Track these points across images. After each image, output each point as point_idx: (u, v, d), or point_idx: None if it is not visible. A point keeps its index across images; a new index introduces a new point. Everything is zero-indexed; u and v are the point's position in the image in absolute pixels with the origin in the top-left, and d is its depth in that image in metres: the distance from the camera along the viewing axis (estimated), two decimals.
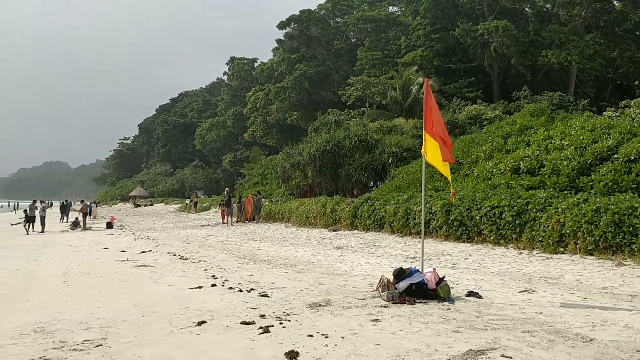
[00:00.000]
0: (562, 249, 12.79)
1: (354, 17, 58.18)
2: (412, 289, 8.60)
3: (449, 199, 16.68)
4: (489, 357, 5.68)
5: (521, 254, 13.27)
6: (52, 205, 66.91)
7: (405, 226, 18.45)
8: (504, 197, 15.16)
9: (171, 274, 12.71)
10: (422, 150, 9.41)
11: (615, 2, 46.18)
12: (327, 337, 6.54)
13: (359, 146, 31.20)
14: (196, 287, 10.53)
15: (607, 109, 30.26)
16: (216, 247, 19.15)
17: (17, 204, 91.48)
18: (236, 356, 6.03)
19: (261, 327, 7.06)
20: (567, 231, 12.68)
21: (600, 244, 11.94)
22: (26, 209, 35.39)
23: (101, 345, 6.59)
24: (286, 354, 5.93)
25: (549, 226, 13.19)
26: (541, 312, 7.66)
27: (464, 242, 15.61)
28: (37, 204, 33.08)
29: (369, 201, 21.53)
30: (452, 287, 9.02)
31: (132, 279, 12.17)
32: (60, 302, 9.53)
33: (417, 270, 8.98)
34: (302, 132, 50.89)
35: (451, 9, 49.93)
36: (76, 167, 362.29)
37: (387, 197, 20.93)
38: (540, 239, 13.35)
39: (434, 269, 9.15)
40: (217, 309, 8.40)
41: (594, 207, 12.35)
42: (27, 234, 28.53)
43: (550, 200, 14.03)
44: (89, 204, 43.52)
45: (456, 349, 5.96)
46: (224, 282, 11.01)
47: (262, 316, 7.75)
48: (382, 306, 8.24)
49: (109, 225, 33.63)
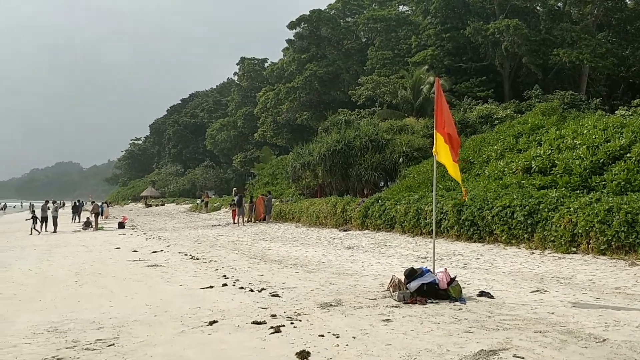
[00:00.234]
0: (574, 249, 12.71)
1: (364, 17, 58.10)
2: (424, 289, 8.58)
3: (461, 198, 16.65)
4: (501, 358, 5.66)
5: (533, 253, 13.20)
6: (64, 205, 67.34)
7: (416, 226, 18.41)
8: (515, 196, 15.09)
9: (182, 273, 12.76)
10: (434, 149, 9.39)
11: (627, 0, 45.82)
12: (338, 337, 6.54)
13: (369, 146, 31.13)
14: (207, 287, 10.56)
15: (620, 107, 30.08)
16: (227, 247, 19.20)
17: (31, 204, 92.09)
18: (248, 356, 6.05)
19: (272, 327, 7.08)
20: (580, 231, 12.60)
21: (612, 243, 11.85)
22: (33, 209, 35.76)
23: (113, 344, 6.63)
24: (297, 353, 5.94)
25: (561, 226, 13.11)
26: (553, 312, 7.62)
27: (475, 242, 15.55)
28: (49, 204, 33.28)
29: (380, 201, 21.50)
30: (463, 287, 8.99)
31: (143, 278, 12.23)
32: (72, 302, 9.60)
33: (429, 270, 8.95)
34: (313, 132, 50.86)
35: (462, 8, 49.71)
36: (88, 168, 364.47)
37: (397, 197, 20.89)
38: (552, 238, 13.28)
39: (446, 269, 9.13)
40: (228, 309, 8.42)
41: (607, 207, 12.27)
42: (35, 233, 28.61)
43: (562, 199, 13.95)
44: (99, 204, 43.82)
45: (468, 349, 5.94)
46: (235, 282, 11.04)
47: (273, 316, 7.77)
48: (393, 306, 8.23)
49: (121, 225, 33.80)
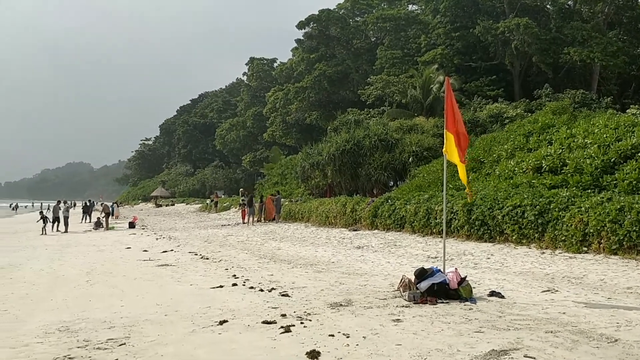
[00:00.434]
0: (585, 249, 12.63)
1: (374, 16, 58.04)
2: (434, 289, 8.56)
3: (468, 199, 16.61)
4: (512, 358, 5.64)
5: (544, 253, 13.14)
6: (75, 205, 67.72)
7: (426, 226, 18.37)
8: (526, 196, 15.02)
9: (193, 273, 12.80)
10: (444, 149, 9.36)
11: None
12: (348, 337, 6.54)
13: (378, 145, 31.11)
14: (217, 287, 10.59)
15: (631, 106, 29.87)
16: (237, 246, 19.24)
17: (44, 205, 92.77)
18: (258, 355, 6.06)
19: (282, 327, 7.08)
20: (591, 230, 12.52)
21: (624, 243, 11.76)
22: (41, 210, 36.14)
23: (125, 344, 6.66)
24: (308, 353, 5.94)
25: (572, 225, 13.04)
26: (564, 312, 7.58)
27: (485, 241, 15.49)
28: (60, 205, 33.50)
29: (390, 201, 21.47)
30: (474, 287, 8.97)
31: (154, 278, 12.28)
32: (84, 302, 9.65)
33: (439, 270, 8.93)
34: (322, 132, 50.86)
35: (471, 6, 49.56)
36: (99, 168, 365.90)
37: (407, 197, 20.85)
38: (563, 238, 13.20)
39: (456, 268, 9.11)
40: (238, 309, 8.44)
41: (618, 206, 12.18)
42: (45, 233, 28.77)
43: (573, 199, 13.87)
44: (110, 204, 44.14)
45: (478, 349, 5.92)
46: (244, 282, 11.06)
47: (283, 316, 7.77)
48: (403, 306, 8.22)
49: (131, 225, 33.97)
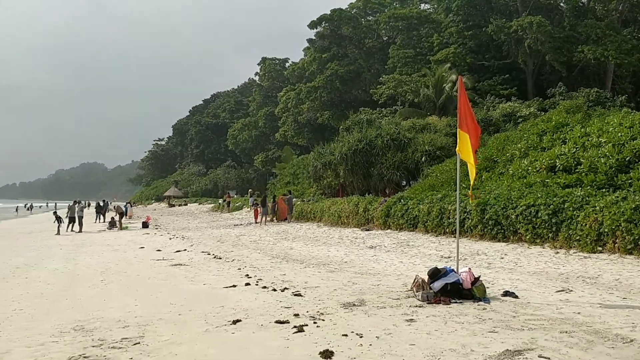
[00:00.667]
0: (600, 248, 12.54)
1: (386, 15, 57.96)
2: (447, 289, 8.54)
3: (484, 197, 16.53)
4: (526, 358, 5.61)
5: (558, 253, 13.06)
6: (89, 205, 68.27)
7: (439, 225, 18.31)
8: (539, 195, 14.94)
9: (206, 272, 12.85)
10: (457, 148, 9.33)
11: None
12: (361, 337, 6.53)
13: (391, 145, 31.06)
14: (230, 286, 10.62)
15: None
16: (249, 246, 19.29)
17: (59, 205, 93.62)
18: (271, 355, 6.07)
19: (295, 327, 7.09)
20: (606, 230, 12.42)
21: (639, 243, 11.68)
22: (55, 210, 36.49)
23: (139, 343, 6.70)
24: (321, 353, 5.94)
25: (586, 225, 12.95)
26: (579, 312, 7.53)
27: (499, 241, 15.42)
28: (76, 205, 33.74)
29: (402, 200, 21.43)
30: (487, 287, 8.92)
31: (168, 277, 12.34)
32: (98, 301, 9.72)
33: (452, 270, 8.90)
34: (334, 132, 50.87)
35: (484, 5, 49.35)
36: (112, 168, 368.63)
37: (420, 196, 20.80)
38: (577, 238, 13.11)
39: (469, 268, 9.07)
40: (251, 308, 8.46)
41: (633, 206, 12.09)
42: (59, 233, 28.98)
43: (587, 198, 13.77)
44: (123, 204, 44.47)
45: (492, 349, 5.90)
46: (257, 281, 11.09)
47: (296, 315, 7.78)
48: (416, 306, 8.20)
49: (145, 224, 34.14)
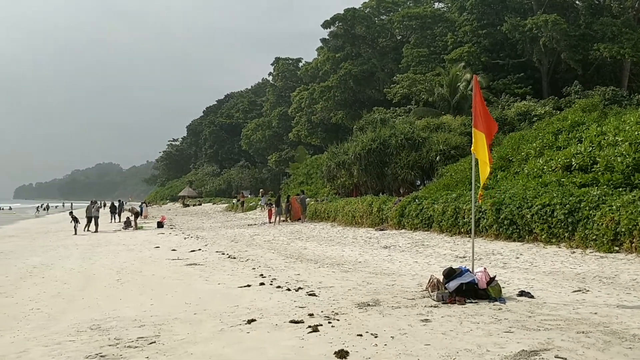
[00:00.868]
0: (616, 248, 12.41)
1: (399, 15, 57.84)
2: (463, 289, 8.50)
3: (499, 197, 16.44)
4: (543, 358, 5.57)
5: (574, 253, 12.95)
6: (104, 205, 68.81)
7: (454, 225, 18.22)
8: (555, 194, 14.81)
9: (220, 272, 12.90)
10: (472, 148, 9.28)
11: None
12: (376, 337, 6.51)
13: (405, 144, 30.93)
14: (245, 286, 10.65)
15: None
16: (263, 246, 19.33)
17: (72, 205, 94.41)
18: (286, 354, 6.07)
19: (310, 326, 7.09)
20: (622, 229, 12.29)
21: None
22: (71, 211, 36.93)
23: (155, 342, 6.74)
24: (336, 353, 5.93)
25: (602, 224, 12.82)
26: (596, 313, 7.47)
27: (514, 241, 15.31)
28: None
29: (417, 200, 21.35)
30: (503, 287, 8.87)
31: (183, 277, 12.40)
32: (114, 300, 9.80)
33: (468, 269, 8.86)
34: (347, 131, 50.85)
35: (498, 3, 49.10)
36: (127, 169, 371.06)
37: (435, 196, 20.72)
38: (593, 237, 12.99)
39: (485, 268, 9.02)
40: (266, 308, 8.47)
41: None
42: (75, 233, 29.20)
43: (604, 197, 13.64)
44: (138, 204, 44.85)
45: (508, 350, 5.86)
46: (272, 281, 11.10)
47: (311, 315, 7.78)
48: (431, 306, 8.17)
49: (160, 224, 34.35)
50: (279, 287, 10.40)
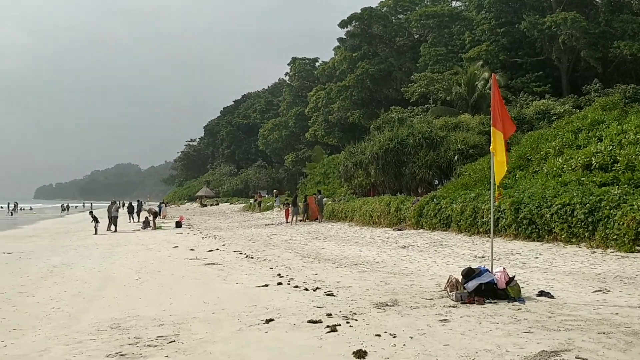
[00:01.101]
0: (638, 248, 12.26)
1: (417, 13, 57.70)
2: (482, 289, 8.44)
3: (518, 196, 16.32)
4: (563, 359, 5.52)
5: (594, 252, 12.81)
6: (124, 205, 69.50)
7: (472, 225, 18.11)
8: (575, 194, 14.66)
9: (238, 272, 12.94)
10: (491, 147, 9.21)
11: None
12: (395, 337, 6.50)
13: (423, 144, 30.79)
14: (263, 286, 10.68)
15: None
16: (280, 246, 19.37)
17: (92, 205, 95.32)
18: (305, 354, 6.08)
19: (328, 326, 7.09)
20: None
21: None
22: (91, 210, 37.40)
23: (174, 341, 6.78)
24: (354, 353, 5.93)
25: (623, 224, 12.66)
26: (617, 313, 7.38)
27: (533, 240, 15.18)
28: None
29: (435, 200, 21.25)
30: (522, 287, 8.80)
31: (201, 276, 12.47)
32: (134, 300, 9.88)
33: (487, 269, 8.80)
34: (364, 131, 50.74)
35: (516, 1, 48.82)
36: (146, 169, 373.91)
37: (453, 196, 20.61)
38: (614, 237, 12.84)
39: (504, 268, 8.96)
40: (283, 307, 8.49)
41: None
42: (96, 233, 29.44)
43: (625, 197, 13.47)
44: (157, 204, 45.22)
45: (528, 350, 5.82)
46: (289, 281, 11.12)
47: (329, 315, 7.78)
48: (450, 306, 8.13)
49: (178, 224, 34.54)
50: (296, 287, 10.41)
